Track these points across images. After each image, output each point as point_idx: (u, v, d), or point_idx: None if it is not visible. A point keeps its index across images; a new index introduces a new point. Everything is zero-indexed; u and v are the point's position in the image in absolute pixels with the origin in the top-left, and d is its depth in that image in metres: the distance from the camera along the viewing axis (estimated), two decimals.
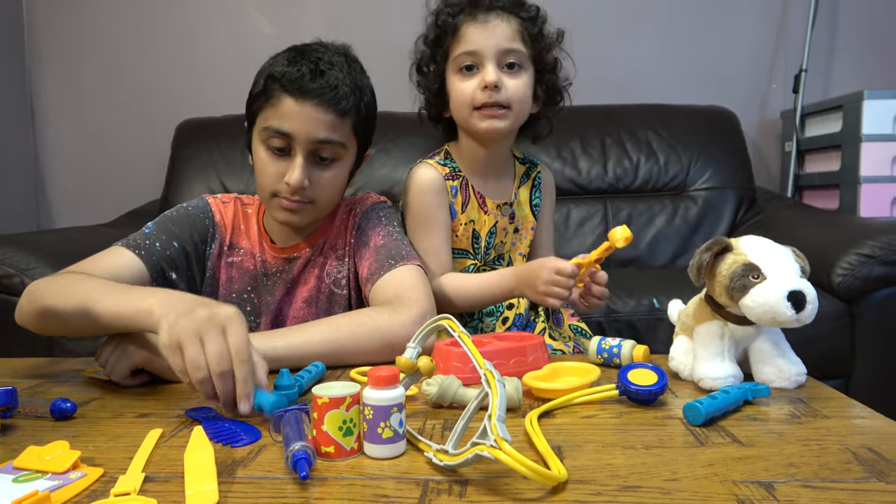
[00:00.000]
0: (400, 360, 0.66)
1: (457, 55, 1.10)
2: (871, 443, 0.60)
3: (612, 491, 0.51)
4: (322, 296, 1.06)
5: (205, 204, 1.07)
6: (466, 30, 1.09)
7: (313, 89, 0.93)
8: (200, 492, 0.50)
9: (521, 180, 1.23)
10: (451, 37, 1.11)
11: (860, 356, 1.53)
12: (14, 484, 0.54)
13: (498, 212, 1.18)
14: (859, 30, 2.33)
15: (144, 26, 2.39)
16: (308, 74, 0.94)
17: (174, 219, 1.04)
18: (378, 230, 1.05)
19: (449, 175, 1.16)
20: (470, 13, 1.10)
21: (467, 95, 1.09)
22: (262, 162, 0.98)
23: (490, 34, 1.08)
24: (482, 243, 1.18)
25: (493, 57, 1.08)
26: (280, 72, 0.95)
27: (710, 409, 0.65)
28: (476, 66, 1.09)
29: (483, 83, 1.07)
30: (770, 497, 0.49)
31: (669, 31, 2.36)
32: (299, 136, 0.94)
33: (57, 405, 0.69)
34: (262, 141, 0.97)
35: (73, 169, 2.44)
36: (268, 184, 0.98)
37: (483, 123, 1.09)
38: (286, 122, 0.94)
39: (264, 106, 0.96)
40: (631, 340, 0.88)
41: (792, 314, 0.71)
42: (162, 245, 0.99)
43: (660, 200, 2.12)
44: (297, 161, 0.95)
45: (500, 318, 1.17)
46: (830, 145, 2.09)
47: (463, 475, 0.54)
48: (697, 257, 0.77)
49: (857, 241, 1.52)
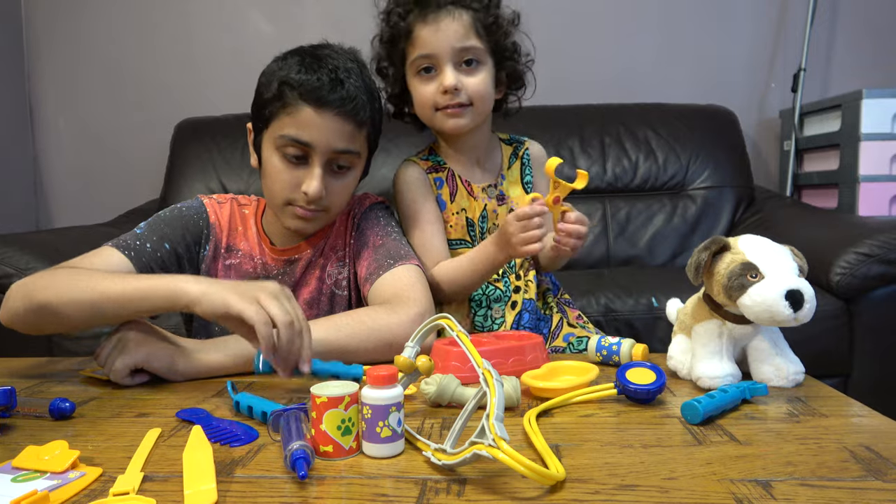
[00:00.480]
0: (398, 360, 0.66)
1: (413, 59, 1.09)
2: (868, 441, 0.60)
3: (610, 490, 0.51)
4: (323, 297, 1.06)
5: (199, 204, 1.06)
6: (419, 32, 1.07)
7: (334, 100, 0.92)
8: (199, 491, 0.51)
9: (509, 161, 1.22)
10: (405, 39, 1.09)
11: (858, 355, 1.53)
12: (13, 483, 0.54)
13: (484, 195, 1.18)
14: (858, 29, 2.33)
15: (143, 26, 2.39)
16: (328, 84, 0.92)
17: (167, 219, 1.03)
18: (377, 230, 1.05)
19: (432, 168, 1.17)
20: (420, 14, 1.08)
21: (428, 98, 1.09)
22: (276, 169, 0.96)
23: (443, 35, 1.06)
24: (476, 230, 1.17)
25: (449, 58, 1.07)
26: (297, 80, 0.93)
27: (708, 408, 0.65)
28: (434, 68, 1.08)
29: (442, 87, 1.07)
30: (768, 496, 0.49)
31: (668, 31, 2.36)
32: (319, 147, 0.94)
33: (56, 405, 0.69)
34: (278, 148, 0.96)
35: (71, 168, 2.44)
36: (281, 191, 0.97)
37: (447, 123, 1.10)
38: (305, 132, 0.93)
39: (280, 113, 0.94)
40: (630, 339, 0.89)
41: (790, 313, 0.71)
42: (152, 246, 0.98)
43: (659, 199, 2.12)
44: (315, 171, 0.94)
45: (509, 303, 1.17)
46: (829, 144, 2.09)
47: (461, 474, 0.54)
48: (696, 256, 0.77)
49: (855, 240, 1.52)
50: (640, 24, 2.36)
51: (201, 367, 0.84)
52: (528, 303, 1.17)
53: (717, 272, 0.76)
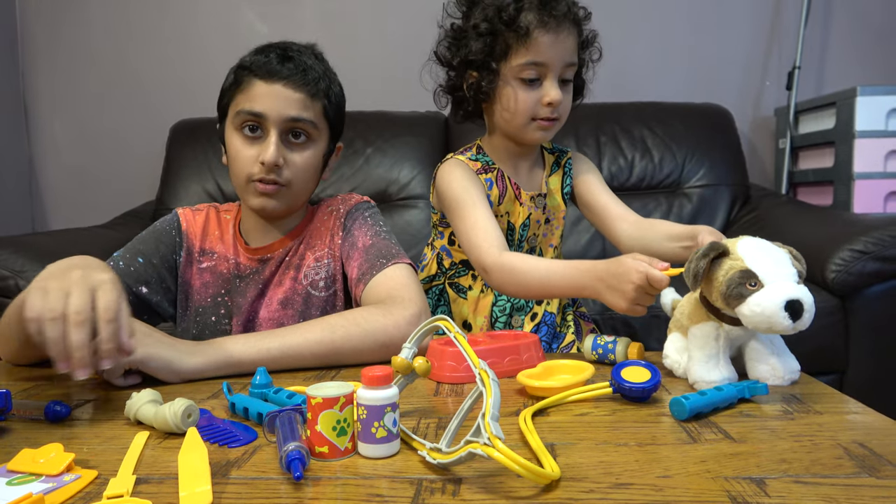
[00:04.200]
0: (396, 361, 0.66)
1: (521, 62, 1.03)
2: (862, 438, 0.60)
3: (605, 488, 0.51)
4: (298, 297, 1.05)
5: (173, 216, 1.10)
6: (539, 37, 1.02)
7: (282, 70, 0.97)
8: (194, 493, 0.50)
9: (551, 169, 1.20)
10: (516, 38, 1.03)
11: (854, 352, 1.53)
12: (8, 487, 0.54)
13: (532, 203, 1.16)
14: (852, 26, 2.34)
15: (138, 27, 2.38)
16: (276, 59, 0.98)
17: (142, 237, 1.08)
18: (364, 230, 1.05)
19: (482, 169, 1.13)
20: (542, 18, 1.02)
21: (529, 107, 1.06)
22: (236, 148, 0.99)
23: (561, 47, 1.03)
24: (516, 235, 1.15)
25: (559, 72, 1.05)
26: (248, 60, 1.00)
27: (697, 405, 0.66)
28: (539, 78, 1.05)
29: (548, 99, 1.04)
30: (762, 493, 0.50)
31: (663, 29, 2.37)
32: (271, 115, 0.97)
33: (51, 407, 0.69)
34: (236, 127, 0.99)
35: (67, 170, 2.44)
36: (243, 168, 0.99)
37: (537, 134, 1.08)
38: (258, 102, 0.97)
39: (235, 94, 1.00)
40: (625, 338, 0.89)
41: (788, 324, 0.70)
42: (125, 263, 1.03)
43: (655, 198, 2.13)
44: (270, 139, 0.97)
45: (530, 314, 1.16)
46: (824, 142, 2.10)
47: (457, 474, 0.54)
48: (694, 264, 0.74)
49: (850, 238, 1.53)
50: (635, 23, 2.36)
51: (200, 367, 0.84)
52: (548, 315, 1.17)
53: (716, 279, 0.74)
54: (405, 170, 2.15)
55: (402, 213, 2.11)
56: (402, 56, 2.23)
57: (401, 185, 2.14)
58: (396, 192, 2.14)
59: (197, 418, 0.66)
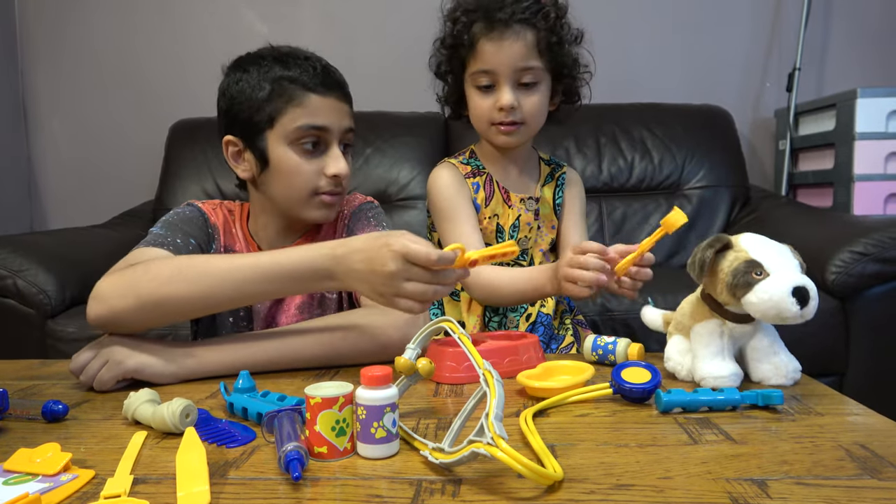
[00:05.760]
0: (399, 361, 0.66)
1: (473, 71, 1.11)
2: (864, 440, 0.60)
3: (606, 489, 0.51)
4: (314, 301, 1.05)
5: (197, 208, 1.05)
6: (483, 46, 1.08)
7: (332, 84, 0.98)
8: (192, 493, 0.50)
9: (545, 179, 1.23)
10: (467, 49, 1.10)
11: (854, 353, 1.53)
12: (4, 486, 0.53)
13: (522, 205, 1.18)
14: (852, 28, 2.34)
15: (137, 26, 2.38)
16: (322, 72, 0.98)
17: (180, 221, 1.00)
18: (368, 230, 1.04)
19: (470, 173, 1.18)
20: (486, 27, 1.07)
21: (484, 113, 1.11)
22: (295, 163, 0.96)
23: (506, 53, 1.07)
24: (506, 237, 1.17)
25: (509, 77, 1.08)
26: (292, 75, 0.96)
27: (676, 400, 0.67)
28: (493, 84, 1.10)
29: (499, 104, 1.08)
30: (763, 494, 0.49)
31: (663, 31, 2.37)
32: (333, 129, 0.97)
33: (49, 407, 0.69)
34: (292, 142, 0.96)
35: (66, 170, 2.44)
36: (305, 183, 0.97)
37: (499, 139, 1.13)
38: (320, 116, 0.96)
39: (286, 108, 0.95)
40: (625, 339, 0.89)
41: (797, 310, 0.70)
42: (182, 241, 0.96)
43: (654, 199, 2.12)
44: (335, 152, 0.98)
45: (524, 315, 1.16)
46: (824, 143, 2.10)
47: (457, 474, 0.54)
48: (699, 254, 0.75)
49: (850, 239, 1.52)
50: (635, 24, 2.36)
51: (194, 368, 0.83)
52: (543, 316, 1.17)
53: (721, 270, 0.75)
54: (404, 170, 2.14)
55: (401, 214, 2.10)
56: (401, 57, 2.22)
57: (400, 186, 2.14)
58: (396, 192, 2.13)
59: (195, 418, 0.65)
